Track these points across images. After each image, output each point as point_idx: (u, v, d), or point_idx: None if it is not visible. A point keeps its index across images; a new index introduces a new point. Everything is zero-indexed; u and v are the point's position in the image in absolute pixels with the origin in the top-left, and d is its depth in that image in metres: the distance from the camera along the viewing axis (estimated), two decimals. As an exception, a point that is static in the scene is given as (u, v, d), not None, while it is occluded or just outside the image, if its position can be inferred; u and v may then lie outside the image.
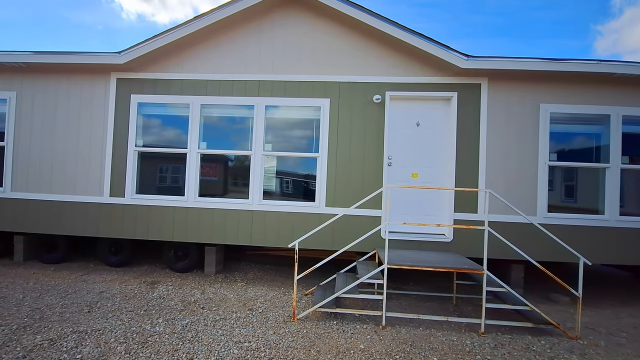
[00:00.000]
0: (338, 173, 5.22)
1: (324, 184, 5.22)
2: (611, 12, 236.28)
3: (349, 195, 5.19)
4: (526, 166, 5.05)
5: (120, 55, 5.19)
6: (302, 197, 5.44)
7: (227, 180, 5.64)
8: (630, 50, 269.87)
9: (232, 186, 5.59)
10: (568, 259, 4.87)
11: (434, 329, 3.98)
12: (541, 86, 5.07)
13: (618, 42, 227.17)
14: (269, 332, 3.70)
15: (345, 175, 5.21)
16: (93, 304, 4.26)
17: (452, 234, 5.07)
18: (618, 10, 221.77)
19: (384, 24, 4.95)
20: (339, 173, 5.22)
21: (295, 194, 5.52)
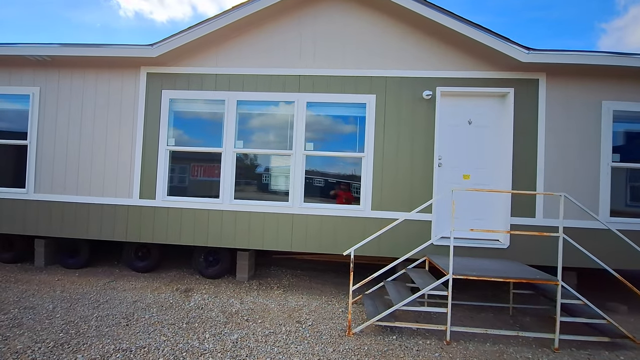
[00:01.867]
0: (385, 174, 4.88)
1: (369, 185, 4.89)
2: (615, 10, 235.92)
3: (397, 198, 4.86)
4: (587, 167, 4.72)
5: (152, 48, 4.85)
6: (346, 200, 5.11)
7: (264, 182, 5.31)
8: (633, 48, 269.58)
9: (269, 188, 5.25)
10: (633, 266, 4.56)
11: (502, 345, 3.66)
12: (603, 82, 4.73)
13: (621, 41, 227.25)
14: (329, 350, 3.38)
15: (392, 177, 4.88)
16: (129, 316, 3.93)
17: (508, 240, 4.74)
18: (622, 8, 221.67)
19: (437, 13, 4.61)
20: (385, 174, 4.88)
21: (337, 197, 5.18)
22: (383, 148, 4.89)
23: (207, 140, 5.17)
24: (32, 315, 3.82)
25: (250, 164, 5.26)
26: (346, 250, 4.79)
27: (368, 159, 4.90)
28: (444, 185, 4.92)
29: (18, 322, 3.62)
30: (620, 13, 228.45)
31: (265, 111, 5.19)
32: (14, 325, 3.56)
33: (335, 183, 5.21)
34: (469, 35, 4.56)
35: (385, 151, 4.88)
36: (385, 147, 4.88)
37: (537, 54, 4.53)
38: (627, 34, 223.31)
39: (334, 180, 5.20)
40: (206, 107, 5.20)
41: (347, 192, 5.16)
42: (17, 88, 5.28)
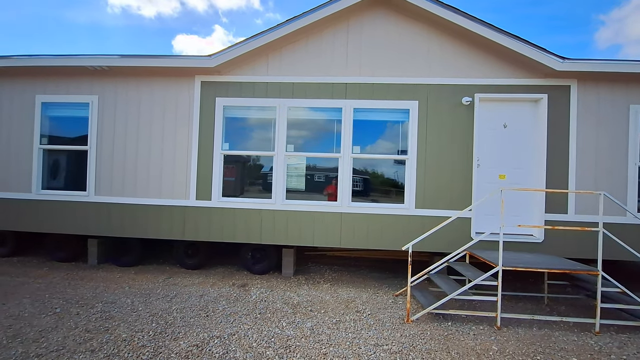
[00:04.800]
0: (427, 175, 5.24)
1: (413, 185, 5.25)
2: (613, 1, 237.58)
3: (438, 197, 5.23)
4: (616, 167, 5.11)
5: (210, 59, 5.16)
6: (390, 199, 5.47)
7: (313, 183, 5.64)
8: (633, 40, 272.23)
9: (317, 189, 5.59)
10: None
11: (547, 329, 4.03)
12: (630, 87, 5.12)
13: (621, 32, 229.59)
14: (397, 334, 3.74)
15: (434, 177, 5.24)
16: (204, 308, 4.26)
17: (542, 234, 5.13)
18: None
19: (476, 24, 4.97)
20: (427, 175, 5.24)
21: (382, 196, 5.54)
22: (425, 150, 5.24)
23: (259, 145, 5.50)
24: (117, 309, 4.14)
25: (299, 166, 5.60)
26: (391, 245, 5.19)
27: (412, 161, 5.26)
28: (482, 185, 5.29)
29: (108, 315, 3.94)
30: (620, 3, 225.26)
31: (314, 117, 5.52)
32: (107, 317, 3.88)
33: (379, 183, 5.56)
34: (507, 46, 4.92)
35: (428, 153, 5.24)
36: (427, 149, 5.24)
37: (571, 63, 4.90)
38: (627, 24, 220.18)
39: (378, 180, 5.55)
40: (258, 113, 5.53)
41: (392, 192, 5.52)
42: (76, 97, 5.57)
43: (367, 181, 5.58)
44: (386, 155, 5.41)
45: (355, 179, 5.44)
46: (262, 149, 5.49)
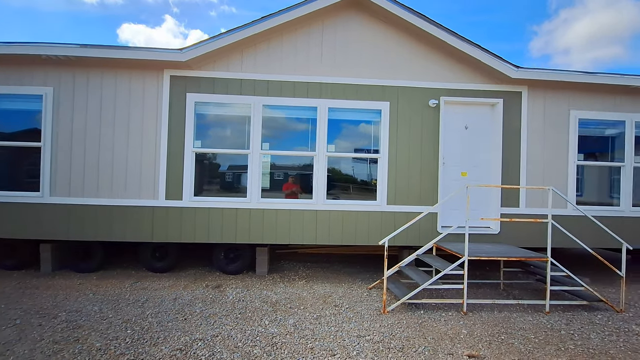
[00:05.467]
0: (398, 173, 5.51)
1: (385, 183, 5.48)
2: (546, 13, 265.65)
3: (408, 194, 5.52)
4: (559, 165, 5.75)
5: (181, 53, 4.96)
6: (363, 196, 5.66)
7: (291, 181, 5.66)
8: (560, 50, 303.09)
9: (295, 187, 5.62)
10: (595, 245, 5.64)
11: (507, 312, 4.47)
12: (571, 94, 5.78)
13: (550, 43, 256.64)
14: (376, 325, 3.92)
15: (405, 175, 5.52)
16: (181, 311, 4.13)
17: (499, 226, 5.62)
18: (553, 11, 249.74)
19: (445, 33, 5.30)
20: (398, 173, 5.51)
21: (356, 193, 5.72)
22: (396, 149, 5.50)
23: (234, 143, 5.41)
24: (84, 317, 3.87)
25: (274, 164, 5.59)
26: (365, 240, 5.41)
27: (384, 160, 5.49)
28: (446, 182, 5.67)
29: (75, 324, 3.68)
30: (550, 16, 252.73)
31: (289, 115, 5.55)
32: (74, 327, 3.62)
33: (352, 181, 5.74)
34: (470, 54, 5.32)
35: (398, 152, 5.50)
36: (398, 148, 5.51)
37: (523, 71, 5.42)
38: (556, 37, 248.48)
39: (350, 178, 5.73)
40: (231, 110, 5.42)
41: (365, 189, 5.73)
42: (28, 88, 5.06)
43: (341, 179, 5.73)
44: (360, 154, 5.60)
45: (330, 177, 5.56)
46: (237, 147, 5.40)
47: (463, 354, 3.31)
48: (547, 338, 3.71)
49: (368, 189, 5.70)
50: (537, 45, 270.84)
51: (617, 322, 4.22)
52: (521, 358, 3.26)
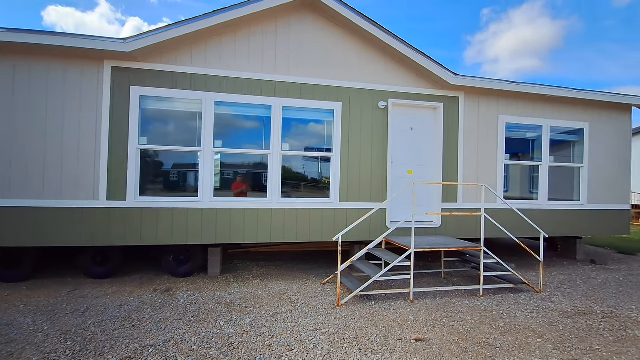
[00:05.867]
0: (350, 171, 5.72)
1: (337, 181, 5.66)
2: (479, 25, 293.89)
3: (359, 191, 5.77)
4: (490, 164, 6.41)
5: (125, 43, 4.62)
6: (316, 194, 5.79)
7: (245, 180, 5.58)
8: (490, 60, 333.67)
9: (249, 185, 5.56)
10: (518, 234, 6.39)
11: (448, 298, 4.91)
12: (499, 100, 6.46)
13: (482, 53, 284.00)
14: (331, 318, 4.07)
15: (356, 173, 5.75)
16: (128, 318, 3.90)
17: (440, 220, 6.12)
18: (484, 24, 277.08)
19: (393, 40, 5.61)
20: (350, 171, 5.73)
21: (310, 191, 5.82)
22: (348, 148, 5.71)
23: (184, 140, 5.19)
24: (16, 330, 3.48)
25: (227, 163, 5.47)
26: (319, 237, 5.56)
27: (336, 158, 5.67)
28: (394, 180, 6.03)
29: (7, 339, 3.30)
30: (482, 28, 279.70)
31: (243, 113, 5.47)
32: (6, 341, 3.25)
33: (305, 179, 5.84)
34: (415, 60, 5.70)
35: (350, 151, 5.72)
36: (350, 147, 5.72)
37: (461, 78, 5.95)
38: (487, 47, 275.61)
39: (304, 176, 5.83)
40: (181, 106, 5.19)
41: (318, 187, 5.86)
42: None
43: (295, 177, 5.80)
44: (313, 153, 5.72)
45: (285, 176, 5.59)
46: (187, 145, 5.19)
47: (411, 338, 3.59)
48: (481, 318, 4.16)
49: (321, 187, 5.85)
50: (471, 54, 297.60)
51: (537, 301, 4.85)
52: (460, 338, 3.62)
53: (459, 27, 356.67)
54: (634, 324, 4.10)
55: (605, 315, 4.36)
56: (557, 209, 6.74)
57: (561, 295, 5.10)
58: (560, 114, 6.78)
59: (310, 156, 5.77)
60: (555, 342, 3.58)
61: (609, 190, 7.13)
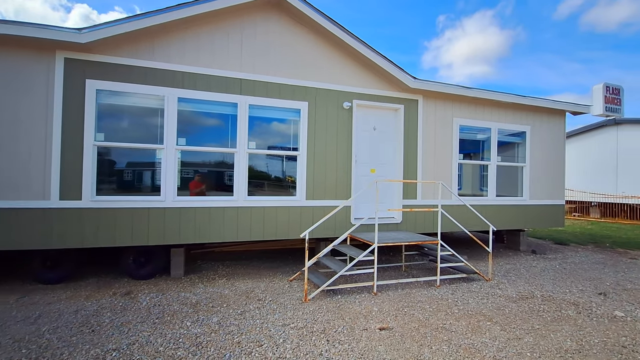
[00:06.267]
0: (316, 169, 5.84)
1: (304, 179, 5.76)
2: (435, 31, 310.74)
3: (326, 189, 5.91)
4: (445, 163, 6.86)
5: (80, 34, 4.34)
6: (283, 192, 5.84)
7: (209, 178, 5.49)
8: (445, 65, 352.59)
9: (214, 184, 5.47)
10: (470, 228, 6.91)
11: (408, 289, 5.21)
12: (454, 104, 6.93)
13: (438, 58, 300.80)
14: (299, 313, 4.17)
15: (322, 171, 5.89)
16: (86, 323, 3.72)
17: (401, 216, 6.44)
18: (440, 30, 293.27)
19: (358, 43, 5.81)
20: (316, 169, 5.85)
21: (276, 190, 5.86)
22: (314, 147, 5.83)
23: (145, 137, 4.99)
24: (-46, 344, 3.19)
25: (192, 161, 5.35)
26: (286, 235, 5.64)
27: (302, 157, 5.76)
28: (358, 178, 6.25)
29: (-57, 354, 3.01)
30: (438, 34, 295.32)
31: (207, 110, 5.37)
32: (-58, 356, 2.96)
33: (273, 178, 5.87)
34: (378, 63, 5.95)
35: (316, 150, 5.84)
36: (316, 146, 5.84)
37: (419, 82, 6.30)
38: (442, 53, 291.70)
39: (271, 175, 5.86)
40: (142, 101, 4.99)
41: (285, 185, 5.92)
42: None
43: (262, 176, 5.81)
44: (280, 151, 5.77)
45: (251, 174, 5.58)
46: (149, 142, 5.01)
47: (376, 328, 3.79)
48: (438, 306, 4.49)
49: (287, 185, 5.92)
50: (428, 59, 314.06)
51: (487, 288, 5.31)
52: (420, 324, 3.89)
53: (417, 33, 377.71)
54: (567, 305, 4.64)
55: (544, 298, 4.88)
56: (503, 205, 7.38)
57: (507, 283, 5.61)
58: (507, 118, 7.42)
59: (277, 155, 5.81)
60: (502, 324, 3.97)
61: (547, 187, 7.93)
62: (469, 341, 3.53)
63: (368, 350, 3.30)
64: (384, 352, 3.28)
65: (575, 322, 4.06)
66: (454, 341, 3.52)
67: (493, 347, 3.42)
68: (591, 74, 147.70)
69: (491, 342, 3.53)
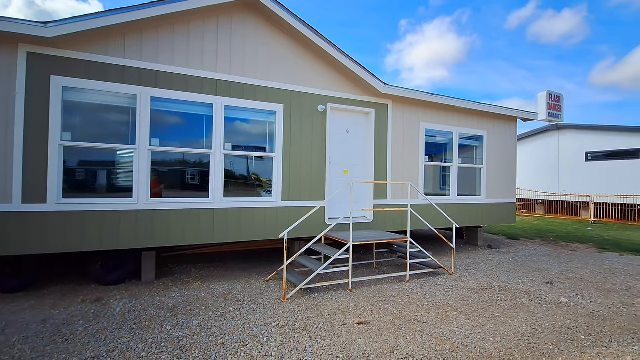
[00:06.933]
0: (291, 170, 5.95)
1: (280, 180, 5.85)
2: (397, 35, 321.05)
3: (300, 190, 6.04)
4: (413, 165, 7.27)
5: (46, 28, 4.09)
6: (258, 193, 5.89)
7: (184, 180, 5.39)
8: (407, 68, 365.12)
9: (189, 185, 5.39)
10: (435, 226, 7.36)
11: (381, 285, 5.49)
12: (420, 109, 7.36)
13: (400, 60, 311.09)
14: (279, 312, 4.28)
15: (297, 172, 6.01)
16: (58, 332, 3.56)
17: (372, 216, 6.74)
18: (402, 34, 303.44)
19: (333, 49, 5.98)
20: (292, 170, 5.96)
21: (252, 191, 5.88)
22: (290, 149, 5.93)
23: (116, 137, 4.81)
24: None
25: (164, 162, 5.23)
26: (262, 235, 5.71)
27: (278, 158, 5.84)
28: (332, 179, 6.44)
29: None
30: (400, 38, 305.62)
31: (181, 110, 5.28)
32: None
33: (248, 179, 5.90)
34: (350, 68, 6.17)
35: (292, 151, 5.95)
36: (291, 148, 5.95)
37: (389, 88, 6.63)
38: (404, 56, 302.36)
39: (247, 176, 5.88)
40: (113, 100, 4.79)
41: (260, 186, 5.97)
42: None
43: (238, 177, 5.81)
44: (256, 153, 5.81)
45: (227, 175, 5.57)
46: (119, 142, 4.84)
47: (354, 322, 3.99)
48: (410, 300, 4.80)
49: (263, 186, 5.97)
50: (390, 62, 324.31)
51: (451, 281, 5.74)
52: (395, 317, 4.16)
53: (380, 35, 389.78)
54: (521, 294, 5.16)
55: (501, 289, 5.38)
56: (464, 203, 7.95)
57: (469, 276, 6.09)
58: (467, 123, 8.00)
59: (253, 156, 5.85)
60: (467, 313, 4.35)
61: (501, 187, 8.65)
62: (439, 330, 3.85)
63: (349, 344, 3.49)
64: (364, 344, 3.49)
65: (528, 309, 4.55)
66: (426, 331, 3.81)
67: (460, 334, 3.76)
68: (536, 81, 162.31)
69: (458, 330, 3.87)
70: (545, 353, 3.41)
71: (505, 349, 3.47)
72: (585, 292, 5.27)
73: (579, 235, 11.28)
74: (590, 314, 4.42)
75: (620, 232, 12.12)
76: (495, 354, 3.37)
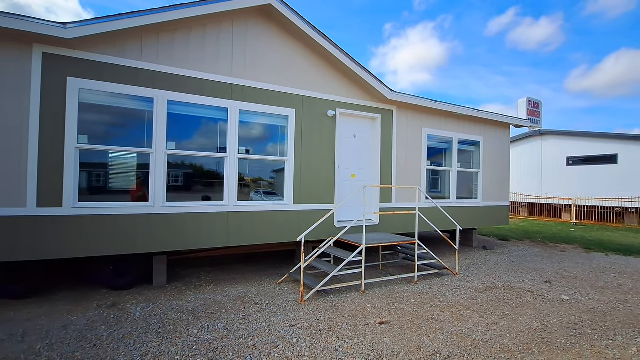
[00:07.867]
0: (302, 174, 6.03)
1: (291, 184, 5.92)
2: (382, 39, 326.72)
3: (311, 193, 6.13)
4: (416, 169, 7.48)
5: (65, 29, 4.03)
6: (270, 197, 5.93)
7: (198, 183, 5.37)
8: (391, 71, 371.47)
9: (203, 189, 5.38)
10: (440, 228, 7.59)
11: (391, 286, 5.64)
12: (423, 115, 7.59)
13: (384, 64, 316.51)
14: (300, 314, 4.35)
15: (308, 176, 6.09)
16: (84, 338, 3.51)
17: (378, 219, 6.90)
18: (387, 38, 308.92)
19: (344, 56, 6.12)
20: (303, 174, 6.04)
21: (265, 194, 5.92)
22: (301, 153, 6.02)
23: (132, 140, 4.76)
24: None
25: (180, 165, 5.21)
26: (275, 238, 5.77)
27: (290, 162, 5.91)
28: (340, 183, 6.56)
29: None
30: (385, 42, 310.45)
31: (196, 114, 5.27)
32: None
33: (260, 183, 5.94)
34: (360, 75, 6.33)
35: (303, 156, 6.03)
36: (302, 152, 6.03)
37: (395, 94, 6.82)
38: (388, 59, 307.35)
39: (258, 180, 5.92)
40: (129, 103, 4.74)
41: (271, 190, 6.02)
42: None
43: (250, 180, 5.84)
44: (269, 157, 5.86)
45: (240, 179, 5.60)
46: (136, 145, 4.79)
47: (376, 322, 4.11)
48: (422, 300, 4.96)
49: (275, 189, 6.02)
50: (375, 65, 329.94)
51: (457, 282, 5.95)
52: (413, 317, 4.30)
53: (365, 39, 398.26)
54: (524, 292, 5.42)
55: (505, 288, 5.63)
56: (463, 206, 8.24)
57: (472, 276, 6.33)
58: (465, 129, 8.30)
59: (266, 160, 5.89)
60: (479, 312, 4.55)
61: (496, 190, 9.00)
62: (458, 328, 4.01)
63: (376, 343, 3.60)
64: (390, 343, 3.61)
65: (534, 307, 4.79)
66: (445, 329, 3.97)
67: (478, 331, 3.94)
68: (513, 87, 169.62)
69: (475, 327, 4.05)
70: (559, 347, 3.62)
71: (522, 344, 3.67)
72: (582, 290, 5.59)
73: (563, 236, 11.83)
74: (591, 310, 4.70)
75: (602, 233, 12.78)
76: (515, 348, 3.56)
